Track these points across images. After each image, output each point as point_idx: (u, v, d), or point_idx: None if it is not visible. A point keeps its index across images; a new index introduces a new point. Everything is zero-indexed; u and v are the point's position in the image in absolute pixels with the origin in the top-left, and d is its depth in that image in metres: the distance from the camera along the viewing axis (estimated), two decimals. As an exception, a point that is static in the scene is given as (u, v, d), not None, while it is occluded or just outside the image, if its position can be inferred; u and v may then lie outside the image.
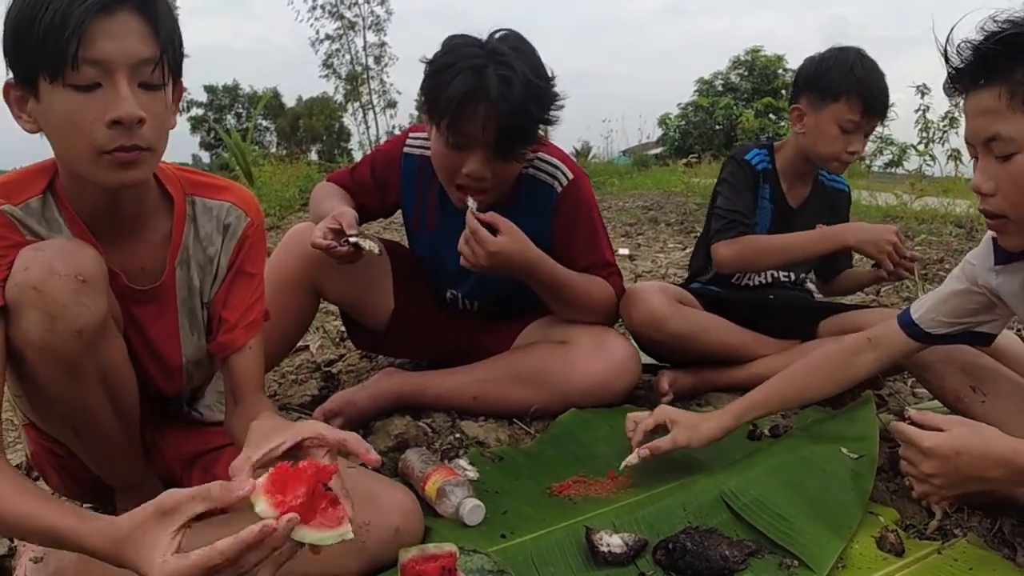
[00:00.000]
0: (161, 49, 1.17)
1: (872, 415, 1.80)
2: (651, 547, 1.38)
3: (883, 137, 13.17)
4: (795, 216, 2.28)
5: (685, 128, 20.77)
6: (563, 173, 1.99)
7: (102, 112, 1.12)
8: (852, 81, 2.09)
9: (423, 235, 2.12)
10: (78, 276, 1.13)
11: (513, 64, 1.69)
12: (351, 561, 1.30)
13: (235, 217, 1.43)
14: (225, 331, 1.43)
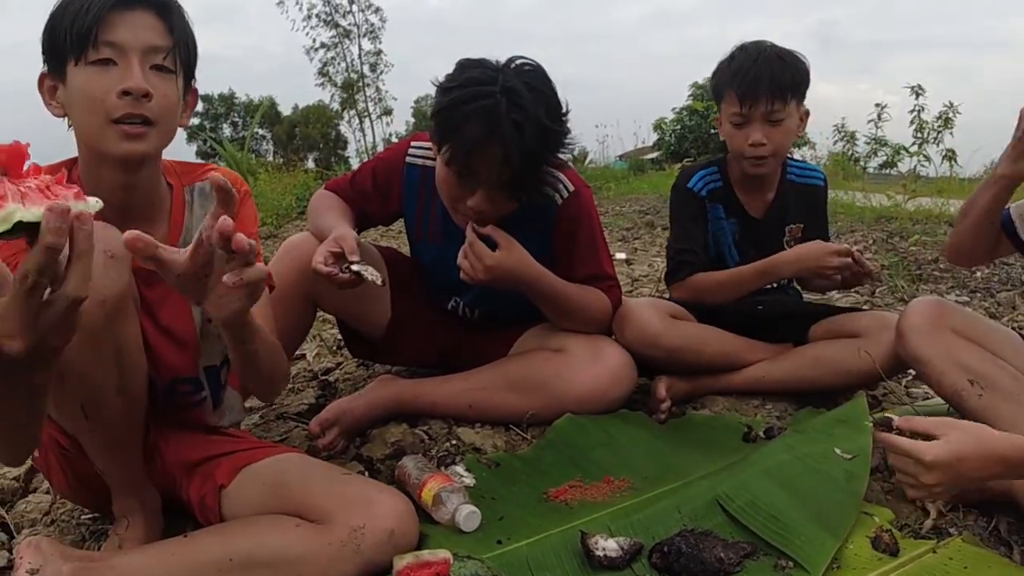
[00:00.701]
0: (174, 43, 1.35)
1: (865, 415, 1.81)
2: (647, 550, 1.38)
3: (877, 139, 13.20)
4: (760, 225, 2.27)
5: (681, 132, 20.70)
6: (564, 185, 1.99)
7: (115, 84, 1.28)
8: (725, 76, 2.13)
9: (426, 245, 2.12)
10: (107, 252, 1.19)
11: (527, 107, 1.67)
12: (347, 565, 1.31)
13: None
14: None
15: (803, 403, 2.15)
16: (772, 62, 2.07)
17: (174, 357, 1.52)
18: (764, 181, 2.25)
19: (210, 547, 1.35)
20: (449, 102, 1.73)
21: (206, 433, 1.62)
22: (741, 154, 2.14)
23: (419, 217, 2.09)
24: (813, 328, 2.19)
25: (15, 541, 1.62)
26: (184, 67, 1.40)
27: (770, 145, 2.10)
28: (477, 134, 1.68)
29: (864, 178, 11.93)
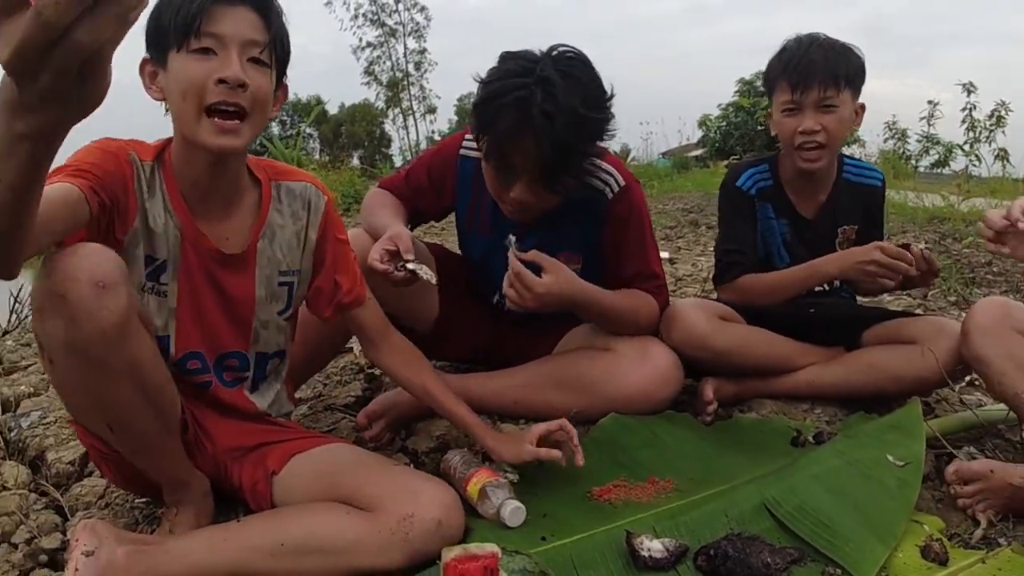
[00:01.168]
0: (271, 38, 1.41)
1: (919, 422, 1.78)
2: (692, 553, 1.38)
3: (928, 136, 12.95)
4: (812, 227, 2.23)
5: (726, 129, 20.50)
6: (615, 180, 1.98)
7: (213, 72, 1.34)
8: (777, 67, 2.11)
9: (476, 238, 2.13)
10: (98, 282, 1.18)
11: (559, 96, 1.66)
12: (396, 553, 1.35)
13: (314, 195, 1.66)
14: (347, 291, 1.67)
15: (853, 408, 2.11)
16: (824, 50, 2.05)
17: (229, 334, 1.58)
18: (817, 180, 2.20)
19: (262, 532, 1.38)
20: (485, 95, 1.76)
21: (254, 422, 1.65)
22: (793, 145, 2.09)
23: (470, 209, 2.10)
24: (866, 333, 2.14)
25: (69, 524, 1.66)
26: (278, 63, 1.46)
27: (823, 134, 2.05)
28: (509, 125, 1.70)
29: (915, 177, 11.70)
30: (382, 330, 1.74)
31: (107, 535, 1.35)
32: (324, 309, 1.69)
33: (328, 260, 1.66)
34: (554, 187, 1.78)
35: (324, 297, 1.68)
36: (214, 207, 1.52)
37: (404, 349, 1.76)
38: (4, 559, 1.51)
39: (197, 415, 1.58)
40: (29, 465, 1.96)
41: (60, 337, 1.20)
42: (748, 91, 19.54)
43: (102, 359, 1.22)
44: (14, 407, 2.37)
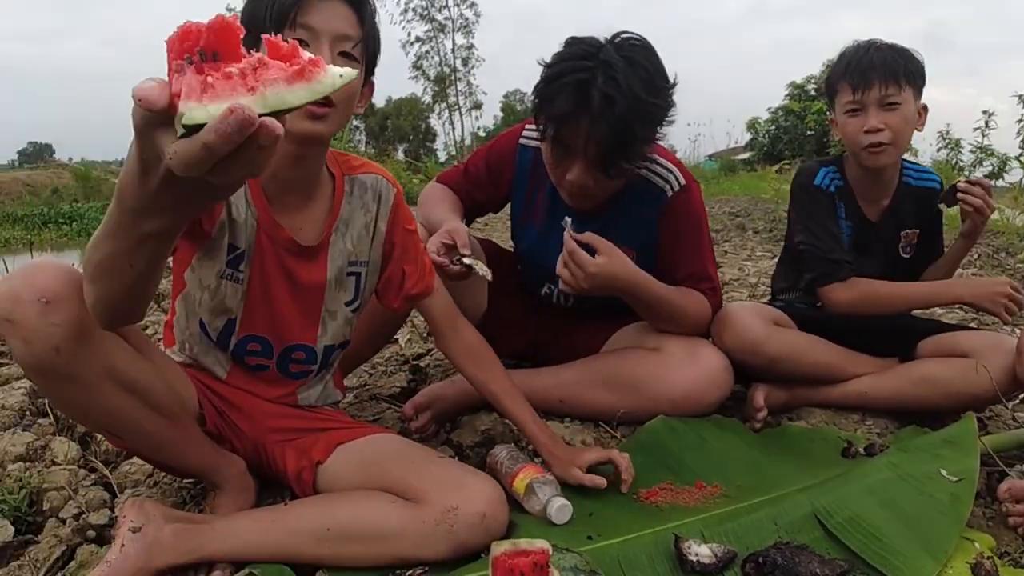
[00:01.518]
0: (363, 34, 1.43)
1: (974, 437, 1.73)
2: (740, 559, 1.36)
3: (983, 147, 12.68)
4: (875, 230, 2.20)
5: (775, 133, 20.32)
6: (676, 178, 1.97)
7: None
8: (838, 71, 2.11)
9: (529, 228, 2.13)
10: (41, 299, 1.18)
11: (620, 80, 1.66)
12: (441, 544, 1.35)
13: (385, 187, 1.67)
14: (416, 281, 1.69)
15: (904, 421, 2.07)
16: (883, 51, 2.05)
17: (298, 324, 1.59)
18: (882, 183, 2.19)
19: (309, 517, 1.40)
20: (547, 76, 1.76)
21: (295, 407, 1.67)
22: (858, 144, 2.08)
23: (527, 198, 2.10)
24: (921, 344, 2.10)
25: (117, 501, 1.69)
26: (367, 59, 1.48)
27: (888, 132, 2.03)
28: (568, 106, 1.70)
29: (968, 189, 11.44)
30: (451, 321, 1.75)
31: (155, 513, 1.37)
32: (393, 299, 1.71)
33: (397, 250, 1.68)
34: (610, 171, 1.77)
35: (393, 287, 1.69)
36: (292, 199, 1.53)
37: (473, 344, 1.76)
38: (52, 533, 1.53)
39: (234, 398, 1.60)
40: (79, 441, 2.00)
41: (22, 360, 1.21)
42: (799, 95, 19.32)
43: (69, 374, 1.22)
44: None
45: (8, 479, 1.72)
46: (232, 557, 1.36)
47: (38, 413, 2.22)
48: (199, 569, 1.37)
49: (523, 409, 1.72)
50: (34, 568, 1.42)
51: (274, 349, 1.60)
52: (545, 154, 1.88)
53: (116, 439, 1.43)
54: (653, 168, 1.96)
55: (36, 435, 1.99)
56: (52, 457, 1.87)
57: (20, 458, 1.87)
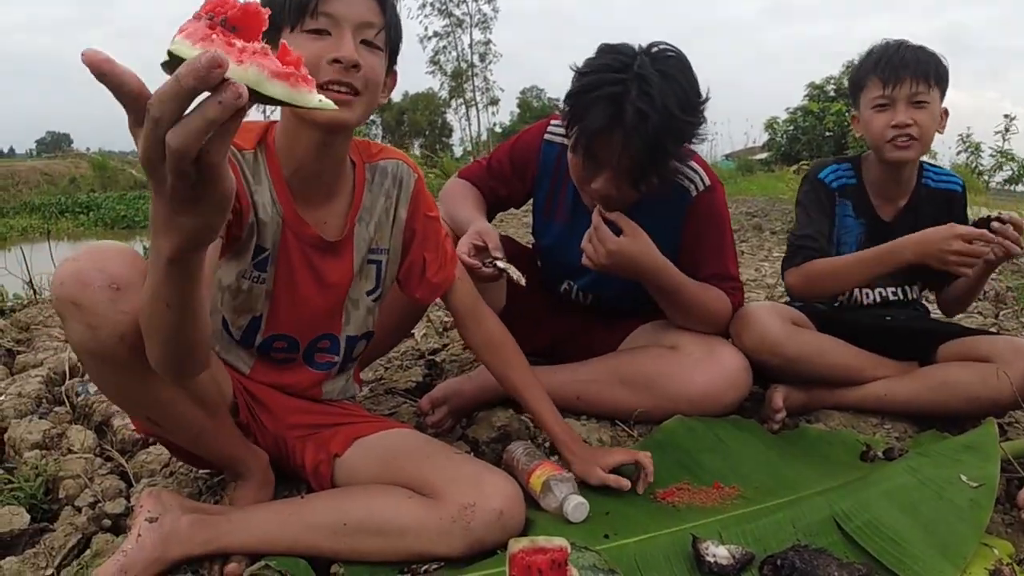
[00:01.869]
0: (386, 23, 1.41)
1: (994, 443, 1.71)
2: (758, 561, 1.35)
3: (1003, 152, 12.59)
4: (889, 230, 2.16)
5: (793, 133, 20.19)
6: (701, 179, 1.96)
7: (327, 52, 1.34)
8: (866, 65, 2.10)
9: (551, 224, 2.11)
10: (111, 285, 1.16)
11: (655, 95, 1.64)
12: (457, 540, 1.34)
13: (406, 172, 1.66)
14: (438, 269, 1.68)
15: (923, 425, 2.06)
16: (915, 49, 2.06)
17: (323, 315, 1.59)
18: (900, 183, 2.18)
19: (325, 510, 1.39)
20: (580, 87, 1.74)
21: (319, 402, 1.67)
22: (883, 138, 2.06)
23: (550, 194, 2.09)
24: (941, 348, 2.08)
25: (133, 490, 1.70)
26: (390, 48, 1.46)
27: (915, 128, 2.03)
28: (600, 120, 1.68)
29: (987, 193, 11.38)
30: (474, 312, 1.73)
31: (171, 503, 1.37)
32: (416, 288, 1.69)
33: (418, 237, 1.67)
34: (639, 185, 1.76)
35: (415, 275, 1.68)
36: (316, 192, 1.52)
37: (495, 335, 1.74)
38: (68, 521, 1.54)
39: (257, 393, 1.60)
40: (95, 430, 2.01)
41: (82, 344, 1.19)
42: (818, 96, 19.21)
43: (127, 361, 1.20)
44: (82, 372, 2.42)
45: (24, 467, 1.73)
46: (248, 549, 1.36)
47: (54, 401, 2.24)
48: (215, 560, 1.37)
49: (544, 404, 1.71)
50: (49, 556, 1.43)
51: (300, 344, 1.60)
52: (571, 161, 1.86)
53: (155, 427, 1.41)
54: (679, 168, 1.94)
55: (52, 423, 2.00)
56: (68, 445, 1.88)
57: (36, 446, 1.88)
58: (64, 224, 13.91)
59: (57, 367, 2.44)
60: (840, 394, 2.11)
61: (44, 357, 2.58)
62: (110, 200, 17.26)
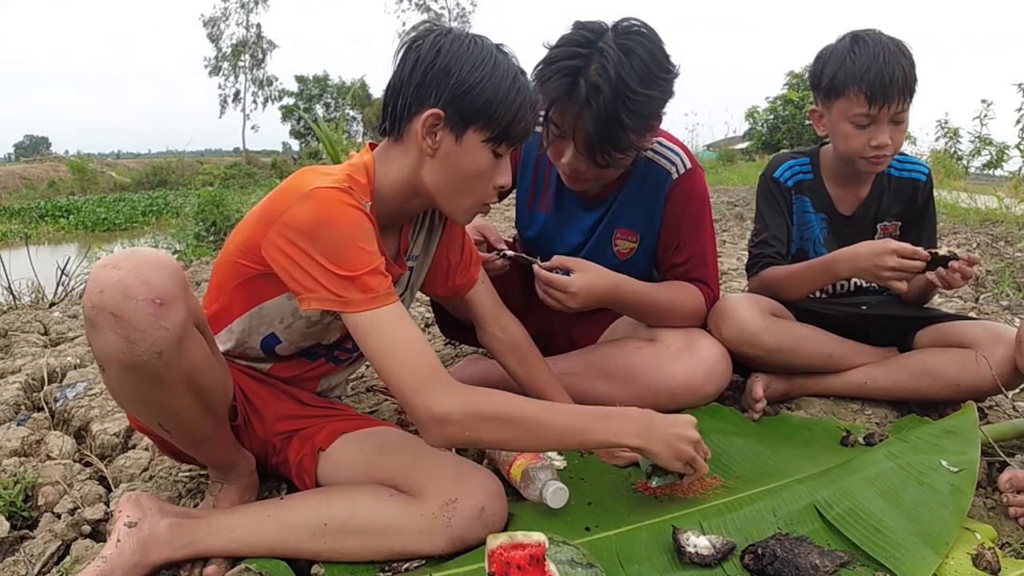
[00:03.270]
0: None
1: (974, 427, 1.73)
2: (739, 551, 1.35)
3: (982, 137, 12.67)
4: (850, 222, 2.17)
5: (773, 123, 20.26)
6: (682, 161, 1.97)
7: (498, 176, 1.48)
8: (847, 73, 1.96)
9: (535, 215, 2.11)
10: (155, 300, 1.14)
11: (610, 70, 1.64)
12: (438, 538, 1.34)
13: None
14: (461, 272, 1.73)
15: (903, 411, 2.07)
16: (898, 58, 1.94)
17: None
18: (859, 176, 2.15)
19: (305, 511, 1.39)
20: (545, 58, 1.75)
21: (309, 403, 1.66)
22: (859, 154, 2.01)
23: (533, 186, 2.09)
24: (919, 335, 2.09)
25: (113, 495, 1.68)
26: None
27: (892, 145, 2.00)
28: (555, 91, 1.70)
29: (967, 178, 11.46)
30: (497, 316, 1.78)
31: (151, 507, 1.37)
32: (439, 288, 1.74)
33: (444, 240, 1.70)
34: (597, 159, 1.75)
35: (439, 277, 1.73)
36: (393, 225, 1.57)
37: (519, 340, 1.78)
38: (47, 528, 1.53)
39: (252, 398, 1.59)
40: (74, 436, 1.99)
41: (114, 354, 1.16)
42: (797, 84, 19.28)
43: (158, 374, 1.19)
44: (60, 378, 2.41)
45: (3, 474, 1.72)
46: (228, 552, 1.36)
47: (33, 407, 2.22)
48: (196, 564, 1.36)
49: (564, 401, 1.77)
50: (29, 563, 1.42)
51: (332, 350, 1.63)
52: (543, 135, 1.87)
53: (161, 431, 1.39)
54: (659, 151, 1.96)
55: (31, 429, 1.98)
56: (47, 452, 1.86)
57: (15, 453, 1.86)
58: (44, 228, 13.79)
59: (35, 373, 2.41)
60: (821, 382, 2.12)
61: (22, 363, 2.56)
62: (90, 203, 17.13)
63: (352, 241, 1.31)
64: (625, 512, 1.51)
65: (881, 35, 2.02)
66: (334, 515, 1.36)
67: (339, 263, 1.28)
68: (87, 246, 6.75)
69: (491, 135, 1.39)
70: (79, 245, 7.81)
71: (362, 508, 1.37)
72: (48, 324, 3.30)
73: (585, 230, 2.03)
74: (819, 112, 2.12)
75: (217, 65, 46.79)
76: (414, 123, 1.40)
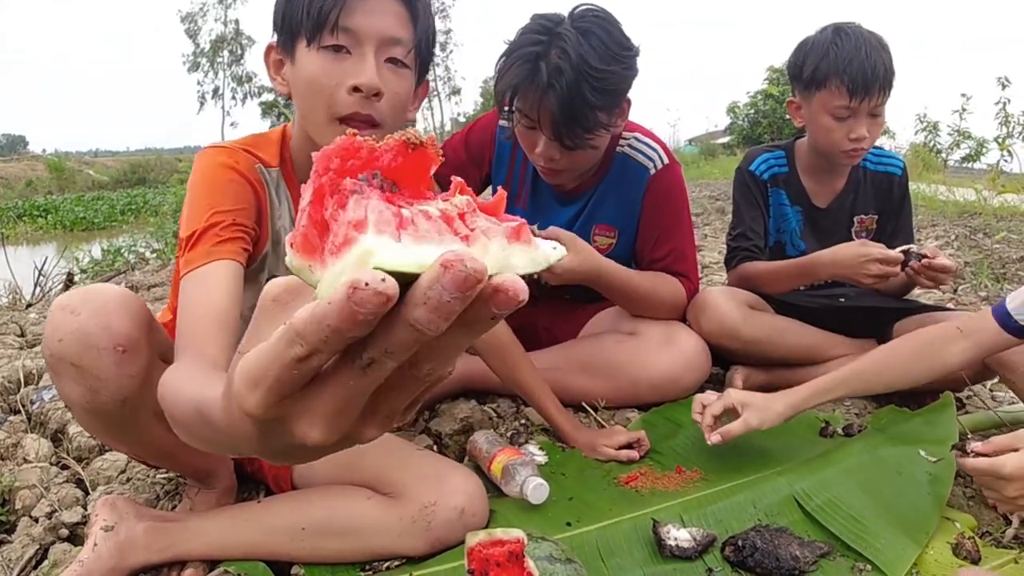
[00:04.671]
0: (416, 36, 1.26)
1: (952, 417, 1.74)
2: (719, 543, 1.36)
3: (960, 130, 12.78)
4: (826, 215, 2.19)
5: (754, 117, 20.38)
6: (660, 157, 1.98)
7: (346, 76, 1.22)
8: (829, 65, 1.97)
9: (513, 210, 2.09)
10: (117, 347, 1.10)
11: (570, 51, 1.66)
12: (417, 540, 1.33)
13: None
14: None
15: (882, 402, 2.08)
16: (878, 51, 1.96)
17: None
18: (834, 169, 2.17)
19: (283, 515, 1.37)
20: (504, 52, 1.77)
21: None
22: (838, 147, 2.02)
23: (508, 180, 2.09)
24: (898, 325, 2.10)
25: (90, 498, 1.66)
26: (421, 64, 1.33)
27: (869, 138, 2.01)
28: (517, 77, 1.71)
29: (945, 171, 11.56)
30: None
31: (127, 511, 1.35)
32: None
33: None
34: (565, 141, 1.75)
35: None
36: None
37: (503, 340, 1.75)
38: (25, 532, 1.51)
39: None
40: (51, 438, 1.97)
41: (77, 401, 1.14)
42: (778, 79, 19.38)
43: (124, 417, 1.17)
44: (36, 380, 2.38)
45: (-22, 478, 1.69)
46: (206, 555, 1.34)
47: (9, 410, 2.19)
48: (173, 567, 1.35)
49: (549, 400, 1.76)
50: (7, 568, 1.40)
51: None
52: (516, 131, 1.87)
53: (135, 457, 1.38)
54: (636, 147, 1.97)
55: (7, 432, 1.96)
56: (24, 455, 1.84)
57: (-10, 456, 1.84)
58: (22, 228, 13.65)
59: (11, 375, 2.38)
60: (800, 374, 2.12)
61: (-3, 365, 2.53)
62: (68, 202, 16.98)
63: (200, 199, 1.23)
64: (606, 506, 1.51)
65: (862, 28, 2.03)
66: (312, 519, 1.35)
67: (186, 223, 1.22)
68: (65, 246, 6.69)
69: (307, 32, 1.23)
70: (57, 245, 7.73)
71: (340, 512, 1.36)
72: (25, 325, 3.26)
73: (562, 225, 2.03)
74: (797, 103, 2.13)
75: (196, 61, 46.48)
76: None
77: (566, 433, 1.77)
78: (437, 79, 43.20)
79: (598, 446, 1.72)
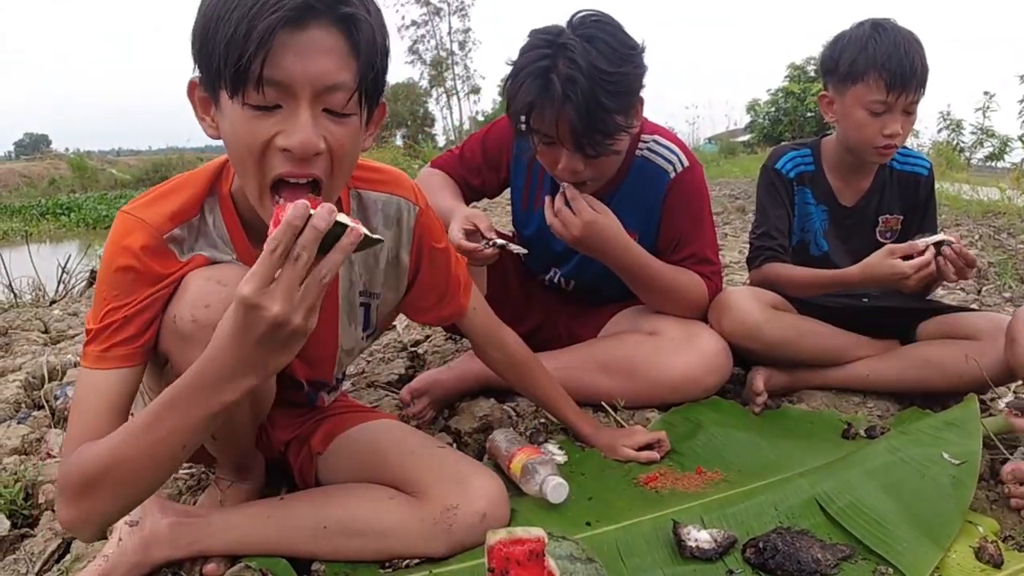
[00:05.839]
0: (359, 74, 1.06)
1: (976, 420, 1.72)
2: (740, 545, 1.35)
3: (984, 128, 12.65)
4: (851, 215, 2.16)
5: (775, 115, 20.25)
6: (679, 159, 1.96)
7: (276, 135, 1.04)
8: (867, 59, 1.94)
9: (531, 214, 2.10)
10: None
11: (579, 60, 1.64)
12: (438, 542, 1.33)
13: (405, 208, 1.45)
14: (447, 302, 1.57)
15: (905, 403, 2.06)
16: (915, 47, 1.94)
17: (305, 367, 1.50)
18: (861, 168, 2.14)
19: (305, 513, 1.37)
20: (511, 72, 1.75)
21: (310, 409, 1.63)
22: (871, 143, 1.99)
23: (527, 184, 2.08)
24: (922, 326, 2.08)
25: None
26: (371, 98, 1.12)
27: (902, 136, 1.99)
28: (531, 94, 1.69)
29: (968, 169, 11.44)
30: (494, 336, 1.68)
31: (152, 506, 1.36)
32: (422, 316, 1.65)
33: (423, 275, 1.53)
34: (588, 151, 1.74)
35: (423, 309, 1.59)
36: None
37: (517, 356, 1.71)
38: (48, 527, 1.53)
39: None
40: (75, 433, 1.98)
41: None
42: (798, 76, 19.24)
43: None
44: (60, 376, 2.41)
45: (3, 472, 1.71)
46: (229, 551, 1.35)
47: (33, 406, 2.22)
48: (196, 562, 1.35)
49: (568, 408, 1.77)
50: (30, 562, 1.42)
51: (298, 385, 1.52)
52: (535, 150, 1.85)
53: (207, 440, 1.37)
54: (655, 150, 1.95)
55: (31, 428, 1.98)
56: (48, 450, 1.86)
57: (15, 451, 1.86)
58: (45, 226, 13.78)
59: (36, 371, 2.41)
60: (823, 375, 2.11)
61: (22, 361, 2.56)
62: (91, 201, 17.10)
63: (99, 290, 1.18)
64: (626, 506, 1.51)
65: (898, 25, 2.01)
66: (334, 518, 1.35)
67: (89, 313, 1.19)
68: (88, 243, 6.75)
69: (227, 85, 1.02)
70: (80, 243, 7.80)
71: (362, 511, 1.36)
72: (48, 322, 3.30)
73: None
74: (830, 98, 2.10)
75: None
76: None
77: (586, 435, 1.77)
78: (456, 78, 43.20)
79: (618, 446, 1.71)
